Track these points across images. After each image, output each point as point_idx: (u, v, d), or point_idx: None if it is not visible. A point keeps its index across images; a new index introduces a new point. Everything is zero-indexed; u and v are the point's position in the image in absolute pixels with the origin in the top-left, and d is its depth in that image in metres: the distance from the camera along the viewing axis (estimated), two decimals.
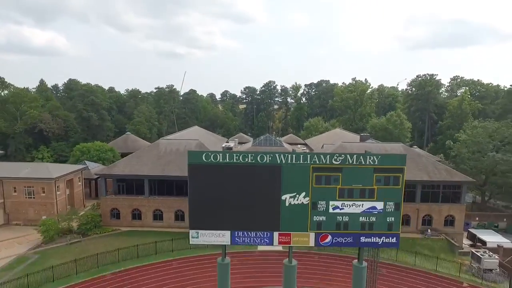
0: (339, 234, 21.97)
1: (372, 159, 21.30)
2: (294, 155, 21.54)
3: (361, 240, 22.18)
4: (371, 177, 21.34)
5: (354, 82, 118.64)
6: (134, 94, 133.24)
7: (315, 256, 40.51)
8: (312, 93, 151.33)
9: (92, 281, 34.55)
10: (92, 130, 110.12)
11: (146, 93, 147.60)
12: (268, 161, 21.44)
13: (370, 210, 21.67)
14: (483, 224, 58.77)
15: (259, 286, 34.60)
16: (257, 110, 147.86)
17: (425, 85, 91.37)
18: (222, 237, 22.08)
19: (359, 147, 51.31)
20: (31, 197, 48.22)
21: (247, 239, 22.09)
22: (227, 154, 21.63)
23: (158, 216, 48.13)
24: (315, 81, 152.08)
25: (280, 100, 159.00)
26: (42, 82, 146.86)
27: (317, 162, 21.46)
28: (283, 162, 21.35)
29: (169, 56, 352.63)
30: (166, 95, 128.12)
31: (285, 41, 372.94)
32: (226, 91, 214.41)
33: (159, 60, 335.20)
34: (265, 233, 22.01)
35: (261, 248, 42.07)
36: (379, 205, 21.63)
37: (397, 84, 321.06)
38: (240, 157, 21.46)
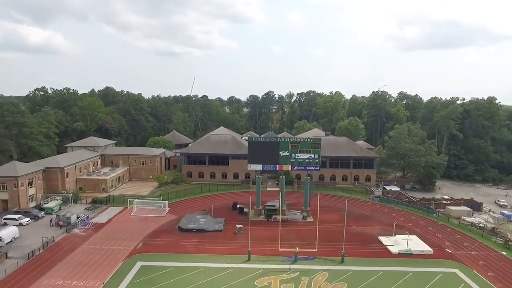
0: (299, 166, 63.22)
1: (310, 139, 62.74)
2: (283, 138, 63.03)
3: (307, 168, 63.50)
4: (309, 145, 62.60)
5: (332, 93, 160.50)
6: (166, 100, 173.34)
7: (296, 193, 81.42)
8: (303, 100, 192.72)
9: (192, 199, 75.21)
10: (138, 129, 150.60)
11: (171, 97, 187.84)
12: (274, 139, 62.80)
13: (310, 157, 62.89)
14: (397, 185, 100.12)
15: (267, 200, 75.07)
16: (259, 113, 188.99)
17: (376, 99, 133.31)
18: (258, 166, 63.27)
19: (322, 139, 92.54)
20: (143, 165, 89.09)
21: (267, 167, 63.33)
22: (260, 137, 62.99)
23: (212, 176, 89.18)
24: (305, 91, 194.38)
25: (276, 107, 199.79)
26: (92, 91, 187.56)
27: (291, 141, 62.83)
28: (280, 140, 62.69)
29: (167, 55, 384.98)
30: (192, 102, 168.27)
31: (282, 40, 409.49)
32: (232, 96, 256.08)
33: (157, 58, 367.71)
34: (274, 165, 63.18)
35: (269, 188, 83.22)
36: (312, 156, 62.86)
37: (378, 89, 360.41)
38: (265, 138, 62.79)
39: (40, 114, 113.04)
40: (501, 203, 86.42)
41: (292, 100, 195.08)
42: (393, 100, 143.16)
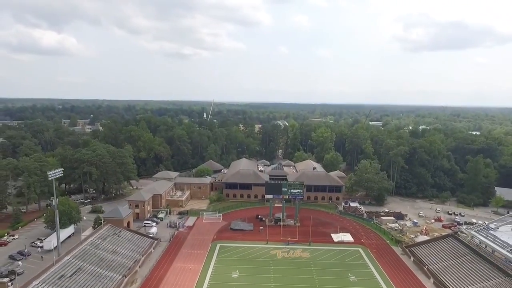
0: (292, 195, 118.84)
1: (298, 182, 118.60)
2: (284, 182, 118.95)
3: (296, 197, 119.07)
4: (298, 185, 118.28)
5: (324, 127, 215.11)
6: (200, 131, 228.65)
7: (293, 208, 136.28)
8: (303, 129, 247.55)
9: (233, 212, 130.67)
10: (180, 155, 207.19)
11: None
12: (279, 182, 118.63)
13: (298, 191, 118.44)
14: (360, 202, 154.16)
15: (275, 212, 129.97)
16: (269, 140, 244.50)
17: (352, 137, 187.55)
18: (271, 196, 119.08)
19: (309, 172, 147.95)
20: (199, 189, 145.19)
21: (276, 196, 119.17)
22: (272, 181, 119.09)
23: (241, 196, 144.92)
24: (305, 121, 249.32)
25: (281, 131, 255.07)
26: (138, 123, 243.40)
27: (288, 183, 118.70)
28: (282, 183, 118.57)
29: (175, 57, 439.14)
30: (219, 133, 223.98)
31: (289, 41, 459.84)
32: (246, 120, 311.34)
33: (166, 59, 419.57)
34: (279, 195, 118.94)
35: (276, 205, 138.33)
36: (299, 191, 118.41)
37: (369, 112, 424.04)
38: (273, 180, 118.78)
39: (125, 151, 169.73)
40: (420, 214, 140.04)
41: (295, 129, 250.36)
42: (366, 137, 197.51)
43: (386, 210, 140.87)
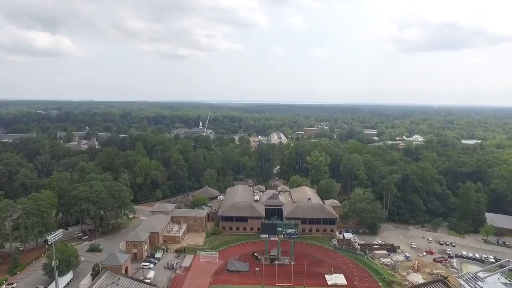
0: (287, 234, 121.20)
1: (293, 222, 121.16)
2: (278, 222, 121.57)
3: (291, 236, 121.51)
4: (293, 225, 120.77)
5: (319, 148, 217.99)
6: (196, 154, 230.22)
7: (288, 242, 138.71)
8: (298, 149, 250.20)
9: (229, 248, 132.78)
10: (177, 179, 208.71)
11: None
12: (274, 222, 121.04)
13: (293, 231, 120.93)
14: (353, 231, 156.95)
15: (271, 247, 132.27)
16: (265, 160, 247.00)
17: (346, 163, 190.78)
18: (266, 235, 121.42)
19: (304, 204, 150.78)
20: (196, 221, 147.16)
21: (271, 235, 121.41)
22: (268, 219, 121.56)
23: (238, 228, 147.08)
24: (301, 141, 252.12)
25: (277, 151, 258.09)
26: (135, 143, 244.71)
27: (283, 223, 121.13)
28: (277, 222, 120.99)
29: (171, 58, 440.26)
30: (215, 156, 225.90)
31: (285, 42, 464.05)
32: (242, 136, 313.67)
33: (162, 60, 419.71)
34: (274, 234, 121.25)
35: (272, 238, 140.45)
36: (294, 230, 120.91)
37: (365, 123, 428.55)
38: (269, 220, 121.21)
39: (121, 181, 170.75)
40: (412, 245, 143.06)
41: (290, 147, 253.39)
42: (359, 163, 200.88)
43: (379, 241, 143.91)
